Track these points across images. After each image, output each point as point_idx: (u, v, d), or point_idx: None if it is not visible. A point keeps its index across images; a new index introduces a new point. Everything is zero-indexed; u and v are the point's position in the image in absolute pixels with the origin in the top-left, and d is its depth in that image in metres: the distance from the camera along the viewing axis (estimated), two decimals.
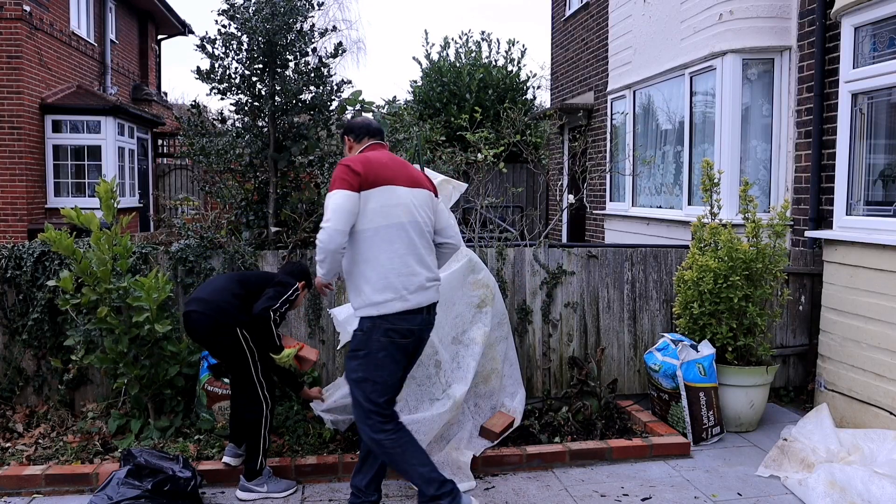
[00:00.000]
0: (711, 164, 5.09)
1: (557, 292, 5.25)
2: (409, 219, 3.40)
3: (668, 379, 4.66)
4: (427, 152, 6.43)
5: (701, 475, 4.19)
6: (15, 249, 4.83)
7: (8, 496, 3.88)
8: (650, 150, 8.53)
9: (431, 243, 3.56)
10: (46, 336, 4.81)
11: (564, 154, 12.23)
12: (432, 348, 4.09)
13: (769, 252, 4.87)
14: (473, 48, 16.81)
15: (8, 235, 11.03)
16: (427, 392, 4.09)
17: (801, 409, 5.31)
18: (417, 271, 3.39)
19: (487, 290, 4.49)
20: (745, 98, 6.61)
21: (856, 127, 5.04)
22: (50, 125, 12.24)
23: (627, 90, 8.95)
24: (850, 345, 4.88)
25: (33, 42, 11.68)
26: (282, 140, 5.47)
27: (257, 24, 5.15)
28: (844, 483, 3.79)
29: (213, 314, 3.72)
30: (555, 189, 12.69)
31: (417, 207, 3.46)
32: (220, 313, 3.72)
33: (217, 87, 5.41)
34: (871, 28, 4.90)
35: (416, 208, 3.45)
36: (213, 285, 3.92)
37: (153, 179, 15.50)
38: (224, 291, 3.80)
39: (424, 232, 3.48)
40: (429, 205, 3.55)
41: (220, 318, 3.72)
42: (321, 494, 3.92)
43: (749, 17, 6.46)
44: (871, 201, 5.04)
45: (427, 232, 3.50)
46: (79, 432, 4.48)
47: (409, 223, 3.40)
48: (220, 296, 3.78)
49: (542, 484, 4.06)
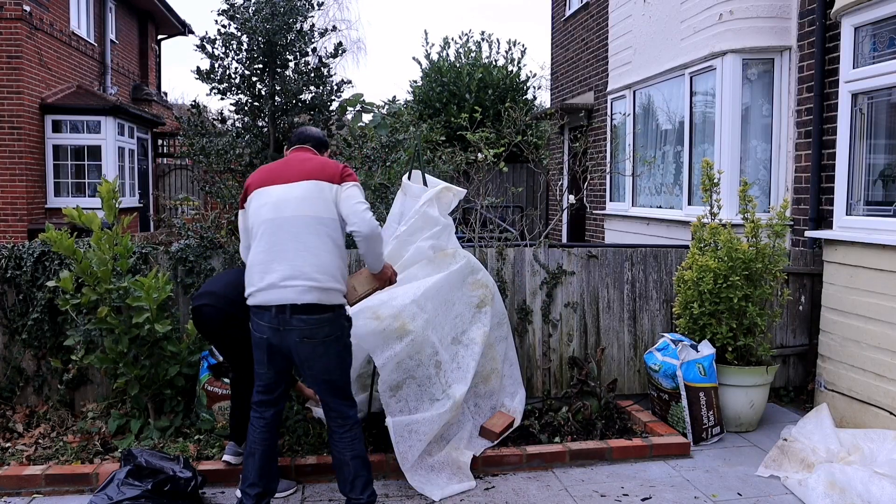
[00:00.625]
0: (711, 164, 5.09)
1: (557, 292, 5.25)
2: (274, 216, 3.38)
3: (668, 379, 4.66)
4: (427, 152, 6.43)
5: (701, 475, 4.19)
6: (15, 249, 4.83)
7: (8, 496, 3.88)
8: (650, 150, 8.53)
9: (326, 237, 3.37)
10: (46, 336, 4.81)
11: (565, 154, 12.23)
12: (432, 348, 4.10)
13: (769, 252, 4.87)
14: (473, 48, 16.82)
15: (8, 235, 11.03)
16: (427, 392, 4.09)
17: (801, 409, 5.31)
18: (273, 269, 3.33)
19: (486, 291, 4.49)
20: (745, 98, 6.61)
21: (856, 127, 5.04)
22: (50, 125, 12.24)
23: (627, 90, 8.95)
24: (850, 345, 4.88)
25: (33, 42, 11.68)
26: (282, 140, 5.47)
27: (257, 24, 5.15)
28: (844, 483, 3.79)
29: (224, 307, 3.79)
30: (555, 189, 12.69)
31: (292, 202, 3.36)
32: (231, 305, 3.76)
33: (217, 87, 5.42)
34: (871, 28, 4.90)
35: (288, 203, 3.36)
36: (224, 279, 3.99)
37: (153, 179, 15.50)
38: (235, 286, 3.81)
39: (308, 226, 3.34)
40: (317, 196, 3.38)
41: (230, 310, 3.76)
42: (321, 494, 3.92)
43: (749, 17, 6.46)
44: (871, 201, 5.04)
45: (316, 225, 3.35)
46: (79, 432, 4.48)
47: (274, 220, 3.37)
48: (231, 290, 3.81)
49: (542, 484, 4.07)
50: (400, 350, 3.94)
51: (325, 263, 3.35)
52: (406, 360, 4.01)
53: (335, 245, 3.41)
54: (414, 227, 4.33)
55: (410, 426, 3.95)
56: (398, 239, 4.33)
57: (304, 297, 3.30)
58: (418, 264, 4.30)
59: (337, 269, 3.40)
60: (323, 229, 3.36)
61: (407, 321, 3.96)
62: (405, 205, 4.53)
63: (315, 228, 3.35)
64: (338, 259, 3.42)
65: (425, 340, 4.05)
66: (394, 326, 3.92)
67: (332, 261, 3.38)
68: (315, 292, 3.32)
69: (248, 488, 3.50)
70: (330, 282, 3.36)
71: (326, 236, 3.37)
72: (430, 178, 4.61)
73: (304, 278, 3.31)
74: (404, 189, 4.58)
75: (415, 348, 4.02)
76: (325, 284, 3.34)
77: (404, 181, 4.62)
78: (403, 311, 3.97)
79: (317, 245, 3.35)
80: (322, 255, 3.35)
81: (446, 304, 4.29)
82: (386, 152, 5.91)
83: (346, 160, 5.89)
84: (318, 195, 3.38)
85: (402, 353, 3.96)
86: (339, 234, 3.44)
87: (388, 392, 3.98)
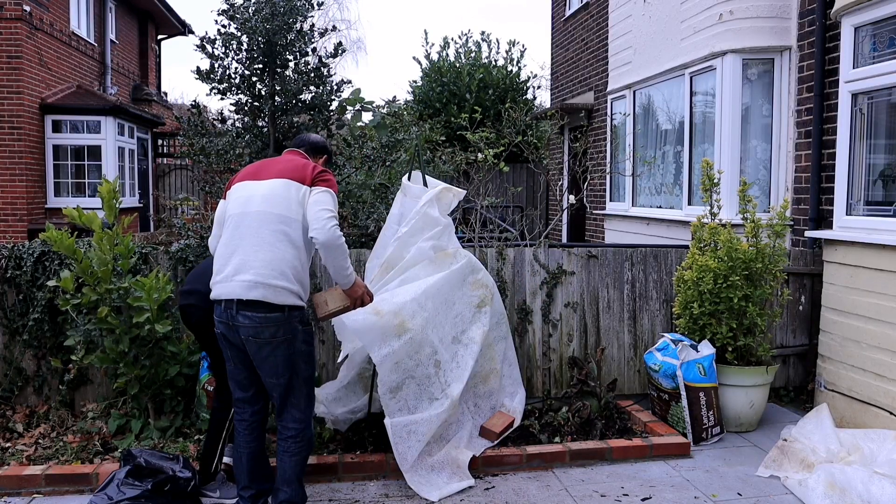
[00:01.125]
0: (711, 164, 5.10)
1: (557, 292, 5.25)
2: (239, 210, 3.35)
3: (668, 379, 4.66)
4: (427, 152, 6.44)
5: (701, 475, 4.19)
6: (15, 249, 4.83)
7: (8, 496, 3.88)
8: (650, 150, 8.53)
9: (283, 235, 3.28)
10: (46, 336, 4.81)
11: (565, 154, 12.24)
12: (431, 348, 4.10)
13: (769, 252, 4.87)
14: (473, 48, 16.82)
15: (8, 235, 11.04)
16: (426, 392, 4.09)
17: (801, 409, 5.31)
18: (229, 262, 3.29)
19: (486, 290, 4.49)
20: (745, 98, 6.61)
21: (856, 127, 5.04)
22: (50, 125, 12.24)
23: (627, 90, 8.95)
24: (850, 345, 4.88)
25: (33, 42, 11.68)
26: (282, 140, 5.47)
27: (257, 24, 5.15)
28: (844, 484, 3.79)
29: (209, 307, 3.73)
30: (555, 189, 12.69)
31: (258, 198, 3.33)
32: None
33: (217, 87, 5.42)
34: (871, 28, 4.90)
35: (254, 199, 3.33)
36: (207, 276, 3.92)
37: (153, 179, 15.50)
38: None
39: (268, 222, 3.29)
40: (284, 195, 3.32)
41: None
42: (321, 494, 3.92)
43: (749, 17, 6.46)
44: (871, 201, 5.04)
45: (277, 223, 3.29)
46: (79, 432, 4.48)
47: (239, 214, 3.34)
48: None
49: (542, 484, 4.07)
50: (398, 348, 3.93)
51: (277, 260, 3.24)
52: (405, 359, 4.00)
53: (293, 245, 3.29)
54: (415, 227, 4.33)
55: (409, 427, 3.95)
56: (399, 240, 4.33)
57: (250, 293, 3.21)
58: (420, 265, 4.30)
59: (290, 269, 3.26)
60: (283, 227, 3.27)
61: (406, 319, 3.96)
62: (405, 205, 4.53)
63: (275, 226, 3.27)
64: (294, 259, 3.28)
65: (424, 339, 4.06)
66: (393, 323, 3.92)
67: (287, 259, 3.26)
68: (260, 288, 3.21)
69: (243, 490, 3.51)
70: (278, 279, 3.23)
71: (284, 234, 3.27)
72: (430, 179, 4.61)
73: (252, 273, 3.22)
74: (404, 190, 4.58)
75: (413, 347, 4.02)
76: (272, 282, 3.22)
77: (404, 182, 4.62)
78: (403, 308, 3.97)
79: (272, 242, 3.26)
80: (276, 252, 3.25)
81: (447, 304, 4.29)
82: (386, 152, 5.92)
83: (346, 160, 5.90)
84: (286, 194, 3.31)
85: (400, 353, 3.95)
86: (299, 235, 3.32)
87: (388, 394, 3.98)
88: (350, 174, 5.81)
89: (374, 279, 4.33)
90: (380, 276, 4.30)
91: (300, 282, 3.33)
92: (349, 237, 5.28)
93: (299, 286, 3.32)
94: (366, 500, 3.85)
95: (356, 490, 3.97)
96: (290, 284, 3.27)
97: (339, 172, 5.75)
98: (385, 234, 4.56)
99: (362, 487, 3.98)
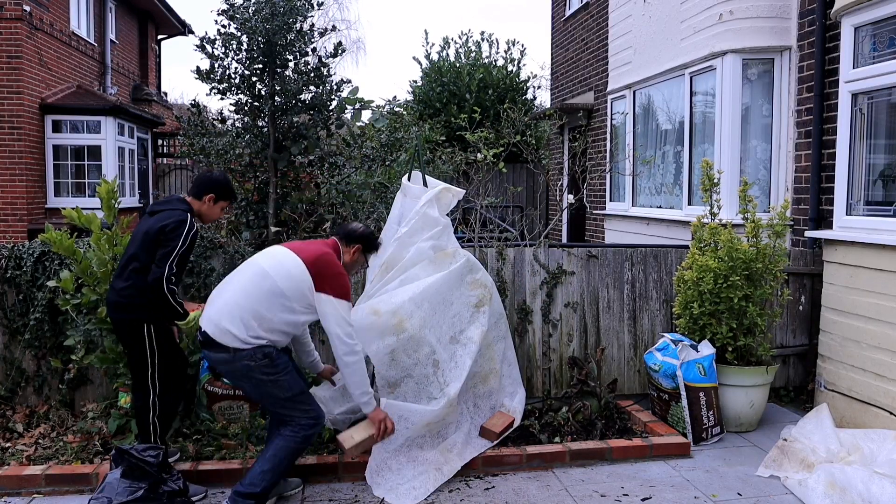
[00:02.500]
0: (711, 164, 5.09)
1: (557, 292, 5.25)
2: (254, 259, 3.69)
3: (668, 379, 4.66)
4: (427, 152, 6.44)
5: (701, 475, 4.19)
6: (15, 249, 4.83)
7: (8, 496, 3.88)
8: (650, 150, 8.53)
9: (265, 289, 3.47)
10: (47, 336, 4.81)
11: (564, 154, 12.23)
12: (430, 347, 4.12)
13: (769, 252, 4.87)
14: (473, 48, 16.81)
15: (8, 235, 11.03)
16: (425, 391, 4.10)
17: (801, 409, 5.31)
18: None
19: (485, 290, 4.50)
20: (745, 98, 6.61)
21: (856, 127, 5.04)
22: (50, 125, 12.23)
23: (627, 90, 8.95)
24: (850, 345, 4.88)
25: (33, 42, 11.68)
26: (282, 140, 5.47)
27: (257, 24, 5.15)
28: (844, 483, 3.79)
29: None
30: (555, 189, 12.69)
31: (271, 261, 3.59)
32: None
33: (217, 87, 5.42)
34: (871, 28, 4.90)
35: (268, 258, 3.62)
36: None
37: (153, 179, 15.49)
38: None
39: (261, 278, 3.52)
40: (289, 275, 3.54)
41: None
42: (321, 494, 3.92)
43: (749, 17, 6.45)
44: (871, 201, 5.04)
45: (263, 280, 3.50)
46: (79, 432, 4.48)
47: (252, 261, 3.69)
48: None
49: (542, 484, 4.06)
50: (395, 344, 3.98)
51: (237, 304, 3.40)
52: (402, 357, 4.02)
53: (260, 299, 3.40)
54: (415, 228, 4.34)
55: (402, 413, 3.94)
56: (399, 240, 4.33)
57: (204, 325, 3.47)
58: (420, 265, 4.30)
59: (248, 314, 3.39)
60: (267, 285, 3.42)
61: (404, 318, 3.99)
62: (405, 206, 4.54)
63: (261, 282, 3.44)
64: (255, 308, 3.40)
65: (423, 339, 4.07)
66: (391, 322, 3.95)
67: (248, 305, 3.39)
68: (210, 325, 3.43)
69: None
70: (225, 322, 3.39)
71: (267, 289, 3.42)
72: (430, 179, 4.62)
73: (213, 309, 3.47)
74: (404, 190, 4.59)
75: (412, 346, 4.04)
76: (220, 323, 3.40)
77: (404, 182, 4.63)
78: (401, 308, 4.01)
79: (247, 289, 3.45)
80: (241, 295, 3.43)
81: (444, 304, 4.30)
82: (386, 152, 5.92)
83: (346, 160, 5.90)
84: (293, 275, 3.47)
85: (397, 349, 3.99)
86: (277, 299, 3.42)
87: (387, 388, 4.02)
88: (350, 174, 5.81)
89: (374, 279, 4.33)
90: (380, 277, 4.30)
91: (249, 330, 3.41)
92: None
93: (247, 333, 3.40)
94: (366, 500, 3.85)
95: (356, 490, 3.97)
96: (237, 330, 3.38)
97: (339, 172, 5.75)
98: (385, 234, 4.56)
99: (362, 487, 3.98)
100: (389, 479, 3.93)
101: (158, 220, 3.77)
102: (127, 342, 3.90)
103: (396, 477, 3.95)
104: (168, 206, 3.86)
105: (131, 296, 3.75)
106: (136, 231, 3.87)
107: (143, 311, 3.77)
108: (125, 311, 3.79)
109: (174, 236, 3.68)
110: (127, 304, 3.77)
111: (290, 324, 3.52)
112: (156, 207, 3.92)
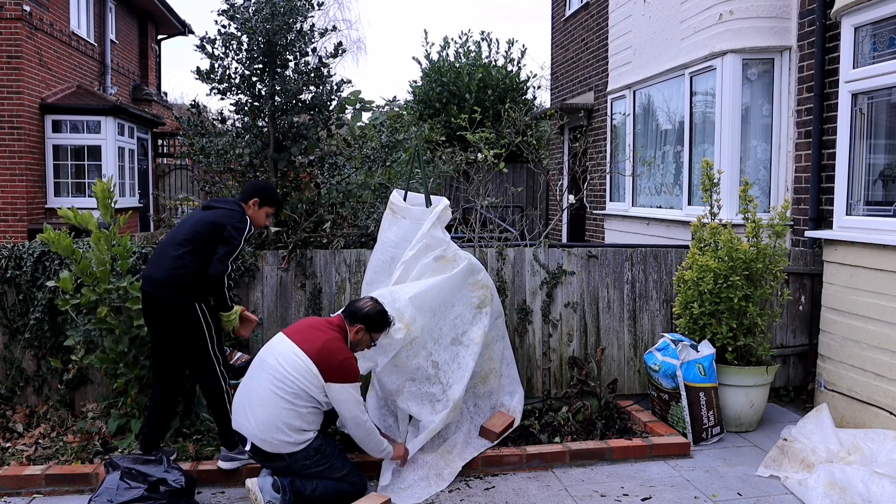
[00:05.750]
0: (711, 164, 5.09)
1: (557, 292, 5.25)
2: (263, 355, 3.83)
3: (668, 379, 4.66)
4: (427, 152, 6.43)
5: (701, 475, 4.19)
6: (15, 249, 4.82)
7: (8, 496, 3.88)
8: (650, 150, 8.53)
9: (286, 402, 3.64)
10: (46, 336, 4.81)
11: (565, 154, 12.23)
12: (426, 350, 4.13)
13: (769, 252, 4.87)
14: (473, 48, 16.82)
15: (8, 235, 11.03)
16: (426, 392, 4.10)
17: (801, 409, 5.31)
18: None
19: (487, 291, 4.49)
20: (745, 98, 6.61)
21: (856, 127, 5.04)
22: (50, 125, 12.23)
23: (627, 90, 8.94)
24: (850, 345, 4.88)
25: (33, 42, 11.68)
26: (282, 140, 5.47)
27: (257, 24, 5.15)
28: (844, 483, 3.79)
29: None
30: (555, 189, 12.69)
31: (277, 354, 3.74)
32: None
33: (217, 87, 5.42)
34: (871, 28, 4.90)
35: (275, 351, 3.76)
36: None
37: (153, 179, 15.49)
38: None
39: (276, 385, 3.67)
40: (296, 369, 3.68)
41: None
42: None
43: (749, 17, 6.45)
44: (871, 201, 5.04)
45: (280, 384, 3.66)
46: (79, 432, 4.48)
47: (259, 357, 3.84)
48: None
49: (542, 484, 4.07)
50: (399, 349, 3.99)
51: (275, 417, 3.58)
52: (404, 361, 4.03)
53: (284, 409, 3.58)
54: (421, 250, 4.32)
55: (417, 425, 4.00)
56: (406, 264, 4.29)
57: (253, 440, 3.64)
58: (423, 277, 4.32)
59: (282, 423, 3.58)
60: (285, 399, 3.58)
61: (409, 323, 4.02)
62: (404, 228, 4.45)
63: (279, 402, 3.59)
64: (286, 419, 3.58)
65: (422, 340, 4.08)
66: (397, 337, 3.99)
67: (280, 416, 3.57)
68: (258, 440, 3.62)
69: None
70: (273, 434, 3.58)
71: (288, 402, 3.59)
72: (434, 198, 4.55)
73: (251, 426, 3.63)
74: (402, 212, 4.49)
75: (414, 349, 4.05)
76: (267, 437, 3.59)
77: (399, 203, 4.53)
78: (404, 312, 4.02)
79: (269, 406, 3.60)
80: (270, 412, 3.60)
81: (445, 306, 4.30)
82: (386, 152, 5.91)
83: (347, 160, 5.89)
84: (303, 384, 3.59)
85: (400, 353, 4.00)
86: (298, 403, 3.59)
87: (390, 397, 4.02)
88: (350, 174, 5.81)
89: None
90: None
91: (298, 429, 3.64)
92: (349, 237, 5.28)
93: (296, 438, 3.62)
94: None
95: None
96: (289, 446, 3.61)
97: (340, 172, 5.75)
98: (377, 257, 4.51)
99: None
100: (390, 482, 3.93)
101: (216, 215, 3.98)
102: (173, 320, 3.93)
103: (398, 481, 3.96)
104: (225, 206, 4.08)
105: (184, 276, 3.87)
106: (187, 219, 4.10)
107: (196, 292, 3.90)
108: (178, 290, 3.88)
109: (237, 235, 3.90)
110: (180, 283, 3.87)
111: (317, 407, 3.68)
112: (212, 204, 4.16)
